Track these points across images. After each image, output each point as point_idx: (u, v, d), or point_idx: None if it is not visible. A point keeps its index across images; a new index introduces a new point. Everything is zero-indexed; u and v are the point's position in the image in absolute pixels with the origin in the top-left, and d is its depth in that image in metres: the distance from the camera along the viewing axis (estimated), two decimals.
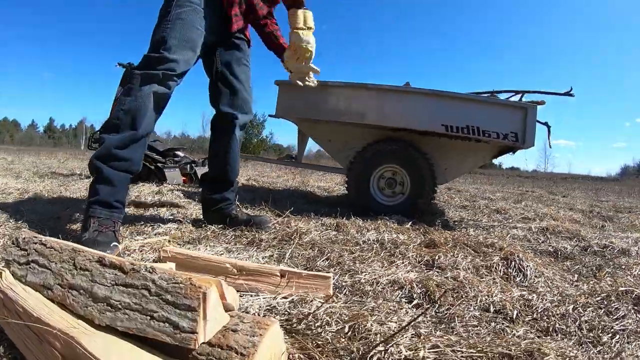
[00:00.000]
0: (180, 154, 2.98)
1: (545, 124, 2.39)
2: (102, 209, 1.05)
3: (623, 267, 1.20)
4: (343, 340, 0.60)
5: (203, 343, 0.46)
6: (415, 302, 0.81)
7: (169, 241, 1.20)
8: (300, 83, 1.43)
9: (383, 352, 0.54)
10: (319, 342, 0.59)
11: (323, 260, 1.13)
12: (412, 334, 0.61)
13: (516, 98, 2.24)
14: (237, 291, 0.85)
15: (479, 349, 0.55)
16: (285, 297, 0.82)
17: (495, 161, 2.54)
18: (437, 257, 1.08)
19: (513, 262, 1.02)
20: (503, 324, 0.71)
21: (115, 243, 0.95)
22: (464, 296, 0.81)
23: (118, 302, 0.49)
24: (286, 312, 0.76)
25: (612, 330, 0.69)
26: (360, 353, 0.56)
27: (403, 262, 1.09)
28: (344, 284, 0.95)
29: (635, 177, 24.54)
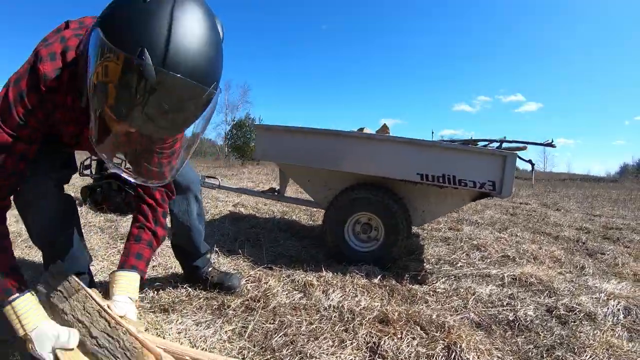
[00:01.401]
0: None
1: (529, 161, 2.38)
2: None
3: (577, 348, 1.21)
4: None
5: None
6: None
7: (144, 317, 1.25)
8: None
9: None
10: None
11: (280, 337, 1.19)
12: None
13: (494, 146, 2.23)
14: None
15: None
16: None
17: None
18: (383, 342, 1.13)
19: (454, 353, 1.05)
20: None
21: None
22: None
23: (102, 343, 0.81)
24: None
25: None
26: None
27: (351, 343, 1.14)
28: None
29: (635, 176, 24.35)
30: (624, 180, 19.55)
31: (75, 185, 4.47)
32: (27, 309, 0.79)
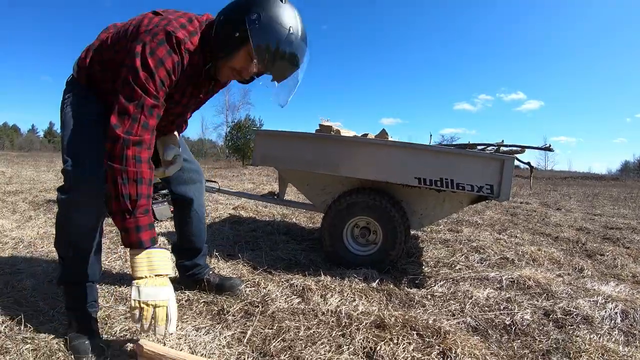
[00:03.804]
0: None
1: (528, 164, 2.39)
2: (78, 309, 1.17)
3: (573, 352, 1.22)
4: None
5: None
6: None
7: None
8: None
9: None
10: None
11: (279, 342, 1.20)
12: None
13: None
14: None
15: None
16: None
17: None
18: (379, 347, 1.14)
19: (449, 359, 1.07)
20: None
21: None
22: None
23: None
24: None
25: None
26: None
27: (348, 348, 1.16)
28: None
29: (636, 174, 24.30)
30: (626, 178, 19.49)
31: None
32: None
